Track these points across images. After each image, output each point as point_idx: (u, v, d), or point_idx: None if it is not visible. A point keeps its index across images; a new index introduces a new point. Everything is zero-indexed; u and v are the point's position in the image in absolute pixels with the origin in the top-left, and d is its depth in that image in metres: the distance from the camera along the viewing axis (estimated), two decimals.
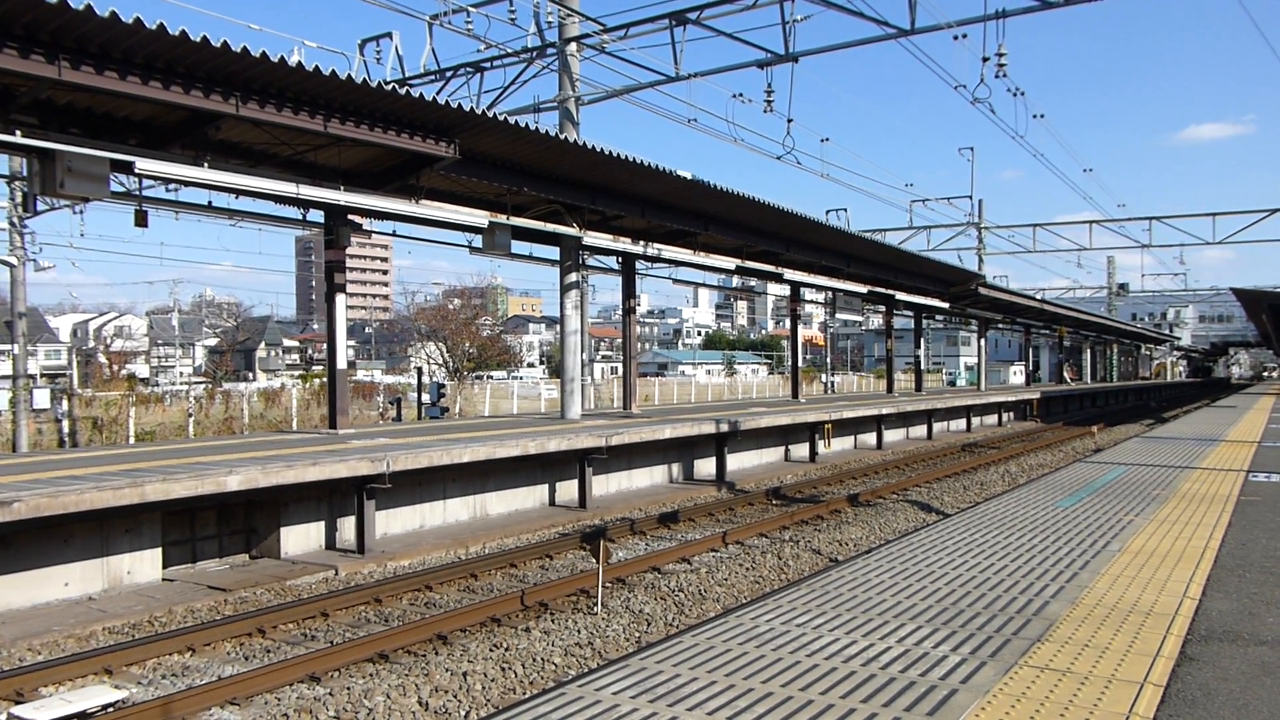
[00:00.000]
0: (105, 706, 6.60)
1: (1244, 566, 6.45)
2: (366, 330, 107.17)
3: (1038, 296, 46.25)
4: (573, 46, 18.75)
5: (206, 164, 11.77)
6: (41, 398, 23.77)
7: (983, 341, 45.40)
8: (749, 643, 4.77)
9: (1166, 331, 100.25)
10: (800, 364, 31.34)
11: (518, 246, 17.80)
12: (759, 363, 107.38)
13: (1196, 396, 64.89)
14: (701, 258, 21.32)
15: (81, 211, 22.74)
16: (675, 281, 27.53)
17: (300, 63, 10.37)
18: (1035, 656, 4.51)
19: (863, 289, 29.64)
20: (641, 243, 19.56)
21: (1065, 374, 64.73)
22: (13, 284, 22.26)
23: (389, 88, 11.40)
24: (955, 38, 16.71)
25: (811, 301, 32.22)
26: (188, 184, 12.16)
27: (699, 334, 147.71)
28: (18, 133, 10.11)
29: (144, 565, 10.23)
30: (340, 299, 14.82)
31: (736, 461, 20.68)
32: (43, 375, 51.96)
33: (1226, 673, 4.28)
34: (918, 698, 3.98)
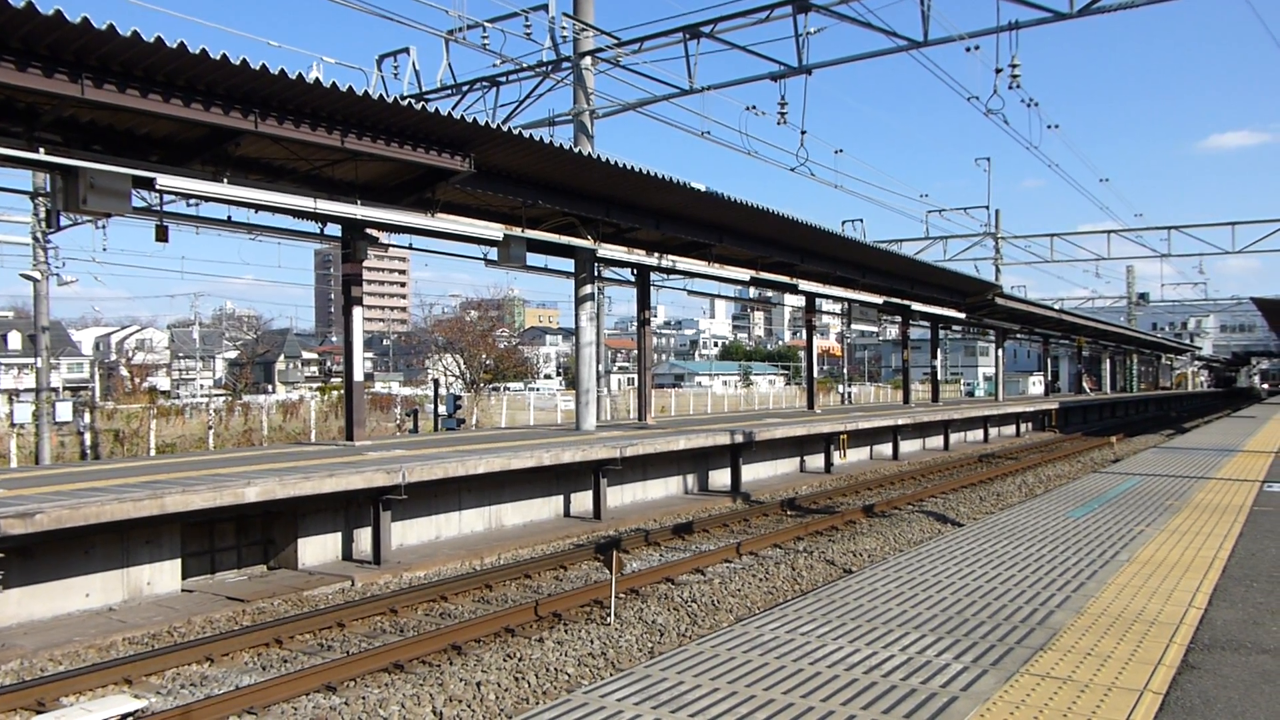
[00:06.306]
0: (125, 716, 6.73)
1: (1252, 576, 6.46)
2: (384, 342, 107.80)
3: (1056, 306, 46.02)
4: (587, 61, 18.93)
5: (226, 179, 11.96)
6: (64, 410, 24.10)
7: (1000, 352, 45.25)
8: (753, 651, 4.84)
9: (1187, 341, 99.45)
10: (816, 375, 31.34)
11: (533, 259, 17.94)
12: (776, 374, 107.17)
13: (1217, 407, 64.43)
14: (716, 269, 21.38)
15: (104, 227, 22.96)
16: (690, 293, 27.82)
17: (318, 79, 10.52)
18: (1037, 665, 4.55)
19: (878, 300, 29.63)
20: (656, 255, 19.67)
21: (1084, 384, 64.36)
22: (36, 299, 22.62)
23: (405, 103, 11.55)
24: (968, 49, 16.75)
25: (828, 312, 32.24)
26: (208, 199, 12.33)
27: (715, 345, 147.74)
28: (42, 150, 10.33)
29: (163, 576, 10.38)
30: (357, 312, 14.99)
31: (752, 472, 20.70)
32: (65, 388, 52.59)
33: (1227, 680, 4.32)
34: (917, 705, 4.03)
